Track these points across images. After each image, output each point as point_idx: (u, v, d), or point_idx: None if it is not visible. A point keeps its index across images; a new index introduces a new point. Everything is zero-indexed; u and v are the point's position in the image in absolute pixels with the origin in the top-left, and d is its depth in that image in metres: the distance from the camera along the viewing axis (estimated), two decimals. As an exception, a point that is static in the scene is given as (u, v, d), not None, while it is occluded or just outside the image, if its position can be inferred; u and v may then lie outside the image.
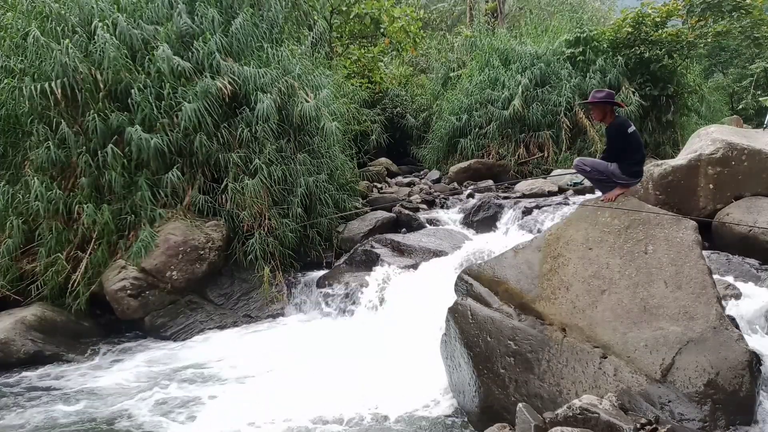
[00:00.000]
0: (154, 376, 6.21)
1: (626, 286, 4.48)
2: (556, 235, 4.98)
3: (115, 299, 7.24)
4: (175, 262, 7.45)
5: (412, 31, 17.27)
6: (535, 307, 4.65)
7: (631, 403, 3.94)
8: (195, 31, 8.49)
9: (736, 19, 13.88)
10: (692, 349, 4.06)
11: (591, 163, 5.37)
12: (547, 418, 3.77)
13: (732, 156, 7.35)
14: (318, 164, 9.10)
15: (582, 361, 4.25)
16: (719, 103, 18.02)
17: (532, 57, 14.72)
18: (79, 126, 7.77)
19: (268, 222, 8.03)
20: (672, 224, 4.74)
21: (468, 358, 4.73)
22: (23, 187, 7.57)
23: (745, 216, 7.02)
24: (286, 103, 8.65)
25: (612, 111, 5.20)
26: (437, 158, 16.09)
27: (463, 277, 5.19)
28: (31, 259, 7.47)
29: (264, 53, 8.78)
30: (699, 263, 4.46)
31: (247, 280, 8.03)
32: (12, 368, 6.44)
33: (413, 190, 12.53)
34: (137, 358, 6.81)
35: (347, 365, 6.02)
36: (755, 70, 16.74)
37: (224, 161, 8.09)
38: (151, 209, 7.59)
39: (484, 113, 14.53)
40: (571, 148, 13.59)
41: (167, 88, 7.86)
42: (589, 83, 13.69)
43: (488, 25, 18.74)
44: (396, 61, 20.84)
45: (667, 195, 7.56)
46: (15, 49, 7.94)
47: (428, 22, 25.46)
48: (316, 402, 5.20)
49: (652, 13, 13.66)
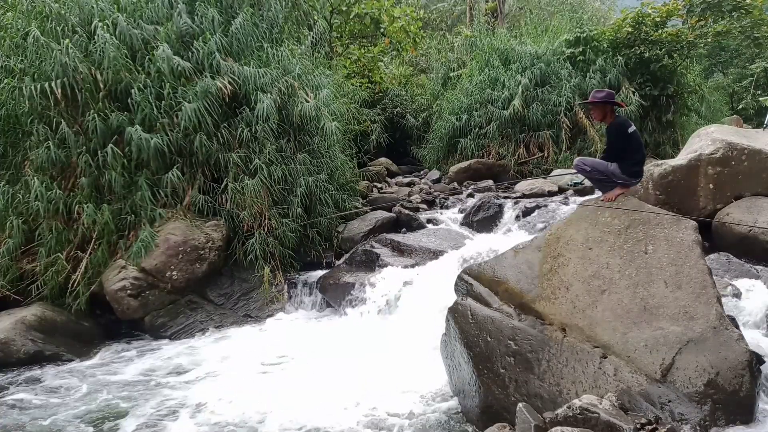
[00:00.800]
0: (154, 375, 6.21)
1: (626, 286, 4.48)
2: (556, 235, 4.98)
3: (115, 299, 7.24)
4: (175, 262, 7.45)
5: (412, 31, 17.27)
6: (535, 307, 4.65)
7: (631, 403, 3.94)
8: (195, 31, 8.50)
9: (736, 19, 13.88)
10: (692, 349, 4.06)
11: (591, 163, 5.37)
12: (547, 417, 3.78)
13: (732, 156, 7.35)
14: (318, 164, 9.10)
15: (582, 361, 4.25)
16: (719, 102, 18.02)
17: (532, 57, 14.72)
18: (79, 126, 7.77)
19: (268, 222, 8.03)
20: (672, 224, 4.74)
21: (468, 358, 4.73)
22: (23, 187, 7.57)
23: (745, 216, 7.02)
24: (286, 103, 8.65)
25: (612, 111, 5.20)
26: (437, 158, 16.09)
27: (463, 277, 5.19)
28: (31, 259, 7.47)
29: (264, 53, 8.78)
30: (699, 263, 4.46)
31: (247, 279, 8.03)
32: (12, 368, 6.44)
33: (413, 190, 12.53)
34: (137, 357, 6.81)
35: (347, 365, 6.02)
36: (755, 69, 16.73)
37: (224, 161, 8.09)
38: (151, 209, 7.59)
39: (484, 113, 14.53)
40: (571, 148, 13.59)
41: (167, 88, 7.86)
42: (589, 83, 13.69)
43: (488, 24, 18.73)
44: (396, 61, 20.84)
45: (667, 195, 7.56)
46: (15, 49, 7.95)
47: (428, 22, 25.46)
48: (315, 401, 5.20)
49: (652, 13, 13.65)
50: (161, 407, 5.38)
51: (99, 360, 6.82)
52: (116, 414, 5.27)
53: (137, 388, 5.89)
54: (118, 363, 6.68)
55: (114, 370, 6.45)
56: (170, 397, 5.61)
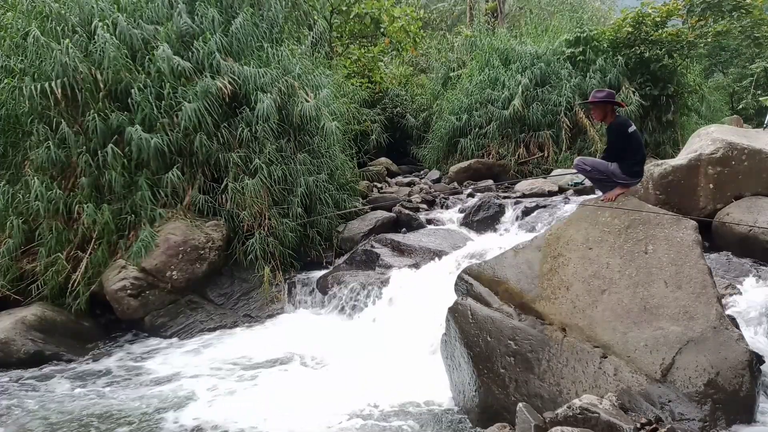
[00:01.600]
0: (154, 375, 6.21)
1: (626, 286, 4.48)
2: (557, 234, 4.98)
3: (115, 299, 7.24)
4: (175, 262, 7.45)
5: (412, 30, 17.27)
6: (535, 307, 4.65)
7: (631, 403, 3.94)
8: (195, 31, 8.49)
9: (736, 19, 13.88)
10: (692, 348, 4.06)
11: (592, 162, 5.38)
12: (547, 417, 3.78)
13: (732, 156, 7.34)
14: (318, 164, 9.09)
15: (582, 361, 4.25)
16: (719, 102, 18.02)
17: (532, 57, 14.71)
18: (79, 126, 7.77)
19: (268, 222, 8.03)
20: (672, 224, 4.74)
21: (468, 358, 4.73)
22: (23, 187, 7.57)
23: (745, 216, 7.01)
24: (286, 102, 8.65)
25: (612, 111, 5.21)
26: (437, 158, 16.08)
27: (463, 277, 5.19)
28: (32, 258, 7.47)
29: (264, 53, 8.78)
30: (699, 263, 4.46)
31: (247, 279, 8.03)
32: (12, 368, 6.43)
33: (413, 190, 12.53)
34: (137, 357, 6.81)
35: (347, 364, 6.02)
36: (755, 69, 16.73)
37: (224, 161, 8.09)
38: (151, 209, 7.58)
39: (484, 113, 14.53)
40: (571, 147, 13.59)
41: (167, 87, 7.85)
42: (589, 83, 13.69)
43: (488, 24, 18.73)
44: (396, 60, 20.84)
45: (667, 195, 7.55)
46: (15, 49, 7.94)
47: (428, 21, 25.45)
48: (315, 401, 5.20)
49: (652, 12, 13.65)
50: (161, 407, 5.38)
51: (99, 360, 6.81)
52: (116, 413, 5.26)
53: (137, 387, 5.89)
54: (118, 363, 6.67)
55: (114, 369, 6.45)
56: (170, 396, 5.61)
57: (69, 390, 5.89)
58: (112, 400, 5.59)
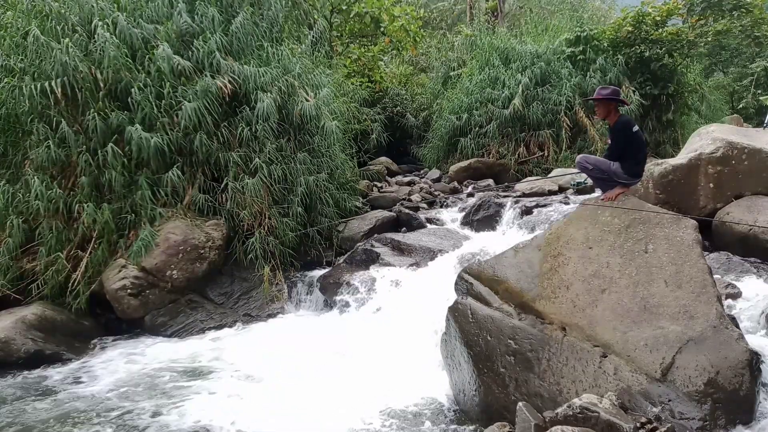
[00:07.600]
0: (154, 375, 6.20)
1: (626, 285, 4.48)
2: (557, 234, 4.98)
3: (115, 298, 7.24)
4: (175, 261, 7.45)
5: (412, 30, 17.26)
6: (535, 306, 4.65)
7: (631, 402, 3.95)
8: (195, 30, 8.49)
9: (736, 18, 13.87)
10: (692, 348, 4.06)
11: (594, 161, 5.38)
12: (547, 417, 3.78)
13: (732, 155, 7.35)
14: (318, 163, 9.09)
15: (582, 360, 4.25)
16: (719, 102, 18.04)
17: (533, 56, 14.72)
18: (79, 125, 7.76)
19: (269, 221, 8.03)
20: (672, 223, 4.74)
21: (468, 357, 4.73)
22: (23, 186, 7.56)
23: (745, 215, 7.01)
24: (286, 102, 8.64)
25: (616, 109, 5.20)
26: (437, 157, 16.09)
27: (463, 276, 5.19)
28: (32, 258, 7.46)
29: (264, 52, 8.78)
30: (699, 262, 4.46)
31: (247, 279, 8.02)
32: (12, 367, 6.42)
33: (413, 190, 12.54)
34: (137, 357, 6.80)
35: (347, 364, 6.02)
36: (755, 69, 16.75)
37: (224, 160, 8.08)
38: (151, 208, 7.58)
39: (484, 112, 14.54)
40: (571, 147, 13.60)
41: (167, 87, 7.85)
42: (589, 82, 13.70)
43: (488, 24, 18.75)
44: (396, 60, 20.86)
45: (667, 194, 7.56)
46: (15, 48, 7.93)
47: (428, 21, 25.45)
48: (315, 400, 5.20)
49: (652, 12, 13.66)
50: (161, 406, 5.38)
51: (99, 359, 6.80)
52: (116, 413, 5.27)
53: (137, 387, 5.88)
54: (118, 362, 6.66)
55: (114, 369, 6.44)
56: (170, 395, 5.61)
57: (69, 389, 5.88)
58: (112, 399, 5.59)
